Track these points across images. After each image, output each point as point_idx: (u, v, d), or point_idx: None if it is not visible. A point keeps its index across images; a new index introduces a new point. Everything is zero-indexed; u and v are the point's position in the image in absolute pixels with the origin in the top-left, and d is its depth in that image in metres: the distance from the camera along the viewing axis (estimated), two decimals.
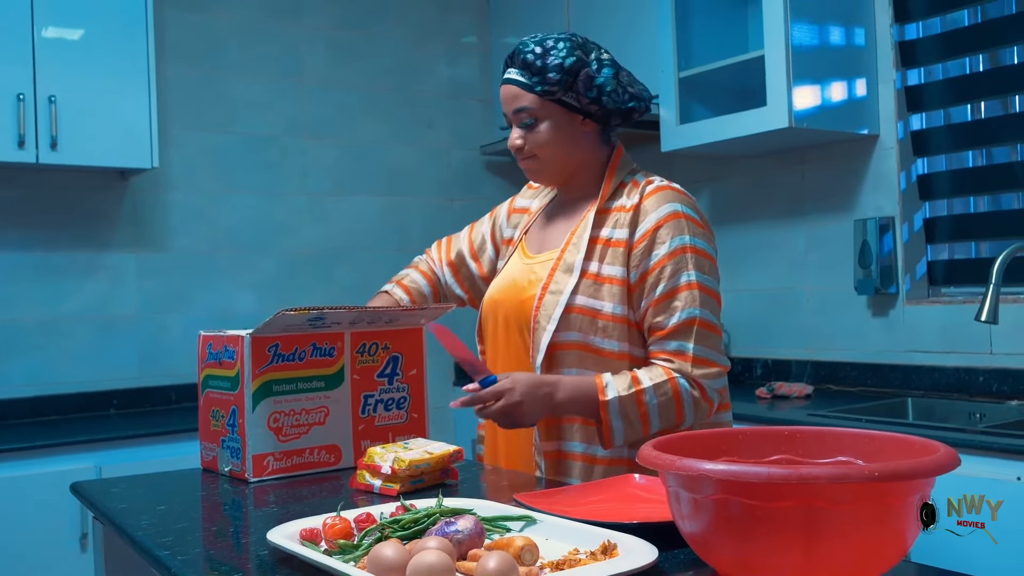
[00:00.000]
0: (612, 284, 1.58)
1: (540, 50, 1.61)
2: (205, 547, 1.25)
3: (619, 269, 1.58)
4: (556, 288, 1.59)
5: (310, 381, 1.67)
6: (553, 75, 1.59)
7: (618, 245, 1.59)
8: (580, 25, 3.52)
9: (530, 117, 1.63)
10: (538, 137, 1.63)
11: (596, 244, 1.61)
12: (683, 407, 1.53)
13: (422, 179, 3.88)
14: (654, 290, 1.55)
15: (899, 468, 0.87)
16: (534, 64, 1.60)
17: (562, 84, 1.60)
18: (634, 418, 1.51)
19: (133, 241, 3.30)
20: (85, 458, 2.68)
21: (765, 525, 0.88)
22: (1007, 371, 2.58)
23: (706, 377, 1.55)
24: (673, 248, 1.56)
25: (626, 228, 1.59)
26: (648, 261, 1.56)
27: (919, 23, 2.86)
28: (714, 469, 0.88)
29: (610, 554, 1.01)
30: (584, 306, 1.57)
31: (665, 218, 1.57)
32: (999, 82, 2.71)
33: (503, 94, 1.66)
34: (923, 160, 2.88)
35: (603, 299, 1.57)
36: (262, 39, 3.55)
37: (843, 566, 0.89)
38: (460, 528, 1.03)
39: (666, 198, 1.60)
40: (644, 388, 1.51)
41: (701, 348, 1.55)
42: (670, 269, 1.55)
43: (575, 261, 1.60)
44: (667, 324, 1.55)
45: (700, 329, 1.55)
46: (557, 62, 1.59)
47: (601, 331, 1.57)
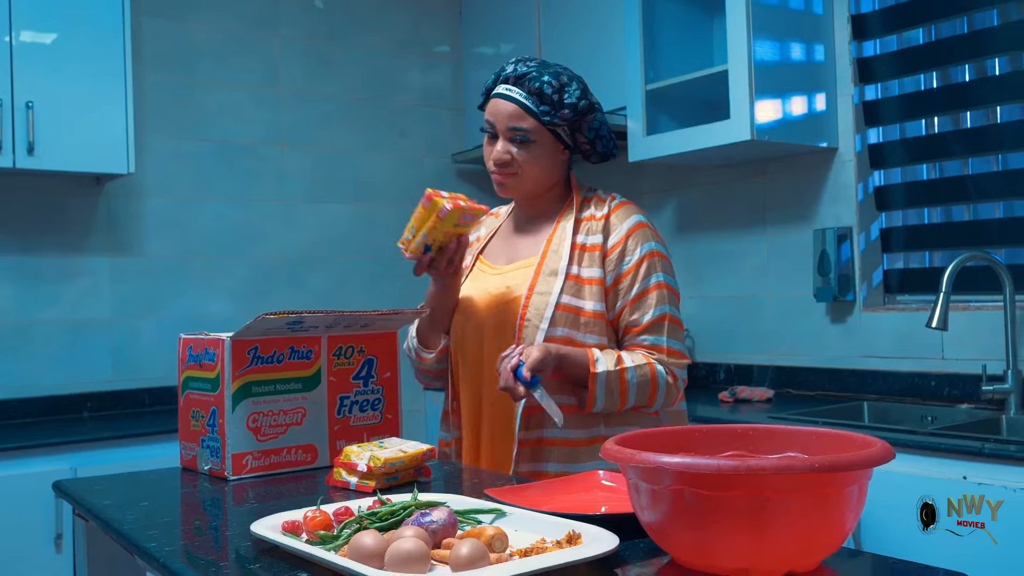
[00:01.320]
0: (592, 285, 1.75)
1: (556, 84, 1.76)
2: (190, 540, 1.31)
3: (597, 271, 1.76)
4: (543, 290, 1.75)
5: (288, 383, 1.73)
6: (567, 112, 1.76)
7: (594, 250, 1.77)
8: (551, 37, 3.61)
9: (524, 136, 1.77)
10: (528, 157, 1.78)
11: (575, 250, 1.78)
12: (657, 389, 1.73)
13: (395, 187, 3.94)
14: (629, 291, 1.75)
15: (837, 460, 0.95)
16: (549, 96, 1.75)
17: (570, 121, 1.78)
18: (615, 391, 1.70)
19: (107, 246, 3.33)
20: (60, 459, 2.71)
21: (717, 513, 0.96)
22: (958, 376, 2.68)
23: (677, 366, 1.77)
24: (643, 254, 1.76)
25: (599, 235, 1.78)
26: (622, 266, 1.76)
27: (876, 41, 2.97)
28: (670, 461, 0.96)
29: (574, 542, 1.08)
30: (568, 304, 1.74)
31: (633, 228, 1.78)
32: (951, 99, 2.82)
33: (500, 108, 1.77)
34: (879, 172, 2.99)
35: (585, 298, 1.75)
36: (239, 48, 3.60)
37: (788, 551, 0.97)
38: (435, 519, 1.10)
39: (630, 211, 1.82)
40: (627, 367, 1.70)
41: (673, 341, 1.77)
42: (643, 272, 1.75)
43: (559, 266, 1.76)
44: (642, 321, 1.75)
45: (671, 324, 1.77)
46: (572, 101, 1.76)
47: (583, 326, 1.74)
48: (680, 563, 1.03)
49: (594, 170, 3.90)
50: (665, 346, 1.75)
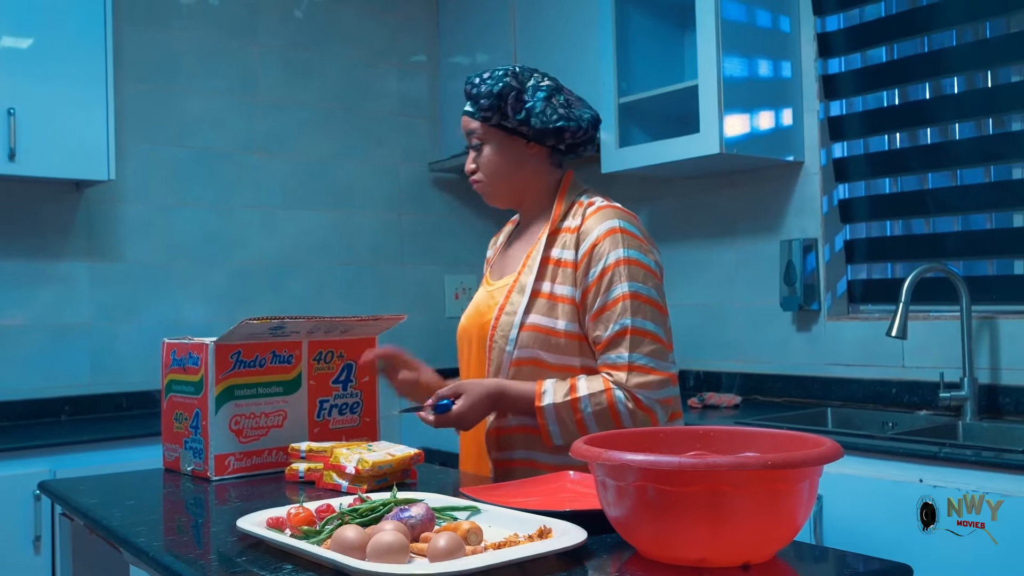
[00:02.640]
0: (564, 303, 1.66)
1: (478, 80, 1.75)
2: (177, 536, 1.37)
3: (569, 288, 1.67)
4: (511, 309, 1.70)
5: (269, 386, 1.78)
6: (484, 101, 1.73)
7: (567, 265, 1.68)
8: (526, 49, 3.68)
9: (477, 141, 1.78)
10: (482, 159, 1.78)
11: (548, 264, 1.70)
12: (619, 418, 1.59)
13: (371, 194, 4.00)
14: (593, 305, 1.64)
15: (789, 458, 1.02)
16: (471, 92, 1.76)
17: (494, 108, 1.73)
18: (570, 424, 1.60)
19: (86, 251, 3.36)
20: (39, 462, 2.73)
21: (677, 507, 1.03)
22: (917, 383, 2.78)
23: (642, 387, 1.60)
24: (608, 263, 1.64)
25: (572, 249, 1.68)
26: (588, 279, 1.65)
27: (841, 58, 3.07)
28: (634, 459, 1.03)
29: (545, 536, 1.15)
30: (539, 324, 1.66)
31: (603, 235, 1.66)
32: (911, 115, 2.92)
33: (462, 123, 1.82)
34: (844, 186, 3.09)
35: (557, 317, 1.66)
36: (218, 56, 3.64)
37: (743, 542, 1.04)
38: (413, 514, 1.16)
39: (605, 216, 1.69)
40: (579, 397, 1.60)
41: (637, 356, 1.61)
42: (605, 283, 1.63)
43: (527, 282, 1.70)
44: (603, 337, 1.63)
45: (634, 337, 1.61)
46: (487, 89, 1.73)
47: (555, 348, 1.65)
48: (644, 555, 1.10)
49: None
50: (626, 362, 1.60)
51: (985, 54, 2.74)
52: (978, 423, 2.55)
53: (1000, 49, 2.71)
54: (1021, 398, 2.57)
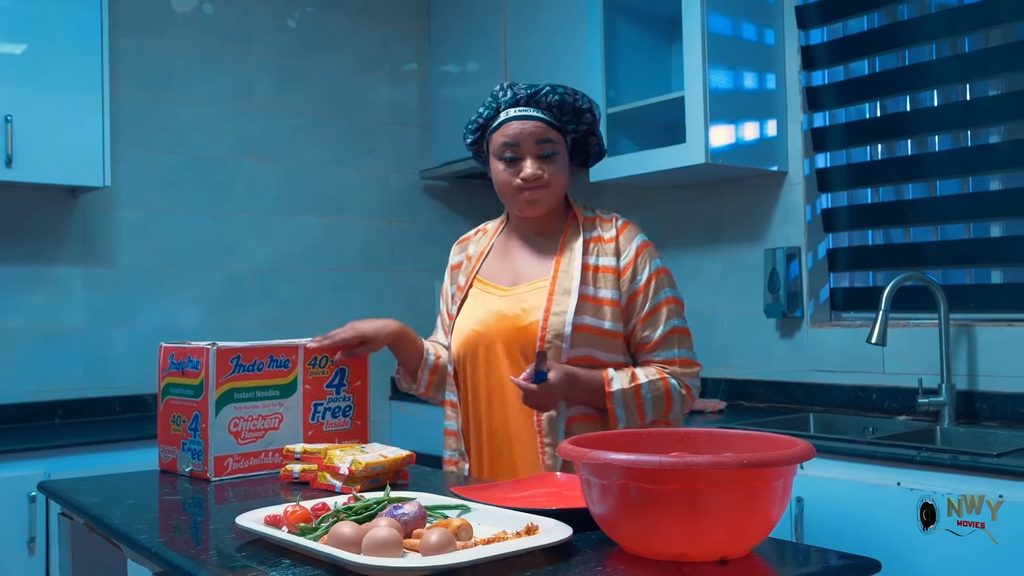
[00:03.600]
0: (608, 305, 1.83)
1: (571, 96, 1.87)
2: (178, 533, 1.41)
3: (612, 292, 1.84)
4: (559, 310, 1.80)
5: (267, 390, 1.83)
6: (588, 116, 1.88)
7: (607, 271, 1.85)
8: (515, 58, 3.74)
9: (553, 150, 1.85)
10: (556, 168, 1.86)
11: (587, 270, 1.85)
12: (672, 401, 1.83)
13: (362, 201, 4.05)
14: (642, 309, 1.84)
15: (764, 458, 1.08)
16: (570, 105, 1.86)
17: (590, 124, 1.90)
18: (632, 408, 1.79)
19: (81, 256, 3.40)
20: (34, 465, 2.77)
21: (658, 505, 1.08)
22: (897, 389, 2.84)
23: (689, 376, 1.87)
24: (651, 271, 1.86)
25: (611, 256, 1.86)
26: (635, 285, 1.84)
27: (824, 71, 3.14)
28: (617, 458, 1.09)
29: (532, 533, 1.20)
30: (589, 324, 1.81)
31: (640, 247, 1.88)
32: (891, 127, 2.99)
33: (524, 128, 1.84)
34: (827, 195, 3.15)
35: (604, 318, 1.82)
36: (212, 64, 3.69)
37: (720, 538, 1.10)
38: (406, 511, 1.22)
39: (635, 231, 1.91)
40: (641, 383, 1.79)
41: (684, 351, 1.87)
42: (653, 289, 1.85)
43: (570, 285, 1.82)
44: (654, 336, 1.84)
45: (680, 336, 1.87)
46: (587, 106, 1.88)
47: (606, 346, 1.82)
48: (627, 550, 1.16)
49: None
50: (677, 358, 1.85)
51: (963, 68, 2.82)
52: (955, 428, 2.61)
53: (977, 63, 2.78)
54: (997, 404, 2.64)
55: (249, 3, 3.78)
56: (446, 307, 2.07)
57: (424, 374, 2.02)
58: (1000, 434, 2.52)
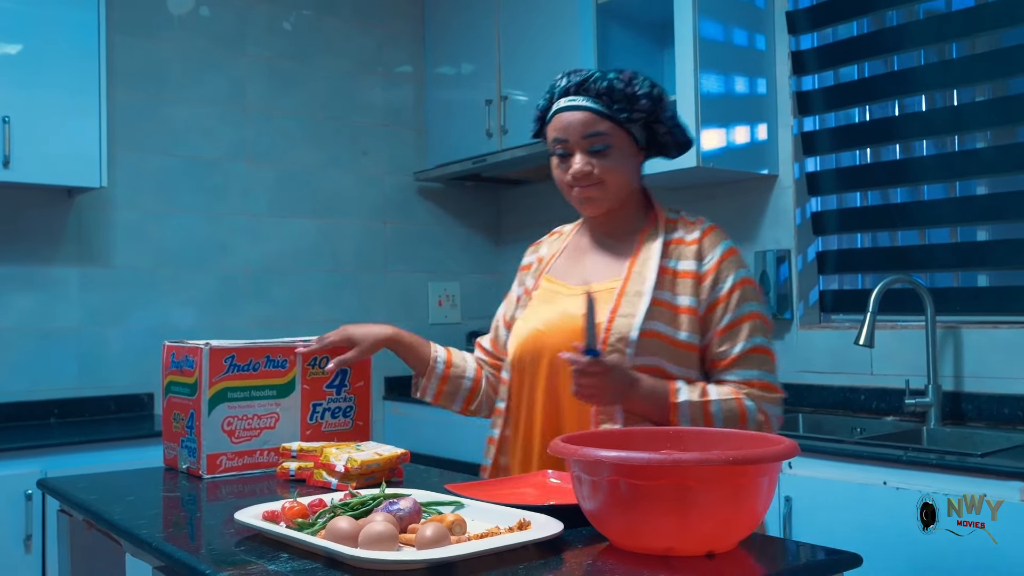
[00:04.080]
0: (685, 314, 1.62)
1: (624, 79, 1.64)
2: (178, 528, 1.44)
3: (690, 299, 1.62)
4: (628, 312, 1.61)
5: (263, 390, 1.86)
6: (645, 103, 1.64)
7: (686, 276, 1.64)
8: (510, 61, 3.77)
9: (604, 143, 1.64)
10: (609, 163, 1.64)
11: (665, 275, 1.64)
12: (747, 426, 1.58)
13: (356, 203, 4.07)
14: (720, 320, 1.62)
15: (749, 455, 1.11)
16: (621, 91, 1.63)
17: (648, 112, 1.66)
18: (701, 425, 1.56)
19: (77, 257, 3.42)
20: (29, 463, 2.79)
21: (647, 500, 1.11)
22: (885, 390, 2.88)
23: (768, 401, 1.61)
24: (736, 281, 1.63)
25: (692, 260, 1.64)
26: (716, 293, 1.62)
27: (814, 76, 3.18)
28: (607, 455, 1.12)
29: (524, 528, 1.23)
30: (660, 332, 1.60)
31: (726, 253, 1.65)
32: (879, 132, 3.03)
33: (567, 120, 1.66)
34: (816, 199, 3.19)
35: (679, 328, 1.61)
36: (207, 67, 3.71)
37: (708, 532, 1.13)
38: (402, 507, 1.25)
39: (721, 236, 1.69)
40: (711, 400, 1.57)
41: (764, 374, 1.62)
42: (735, 300, 1.62)
43: (643, 288, 1.63)
44: (731, 352, 1.61)
45: (761, 356, 1.62)
46: (645, 91, 1.65)
47: (678, 358, 1.61)
48: (616, 545, 1.19)
49: (546, 190, 4.08)
50: (756, 379, 1.61)
51: (950, 74, 2.86)
52: (942, 428, 2.66)
53: (964, 69, 2.83)
54: (983, 404, 2.68)
55: (245, 6, 3.81)
56: (505, 310, 1.91)
57: (431, 383, 1.89)
58: (985, 434, 2.56)
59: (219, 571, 1.13)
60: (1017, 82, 2.75)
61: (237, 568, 1.14)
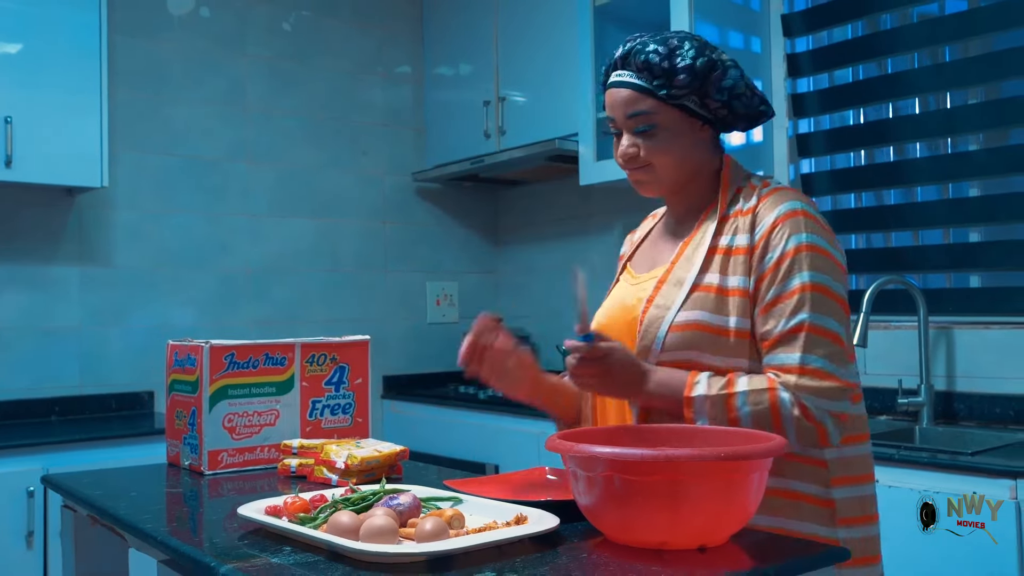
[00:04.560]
0: (736, 296, 1.42)
1: (665, 50, 1.48)
2: (181, 523, 1.47)
3: (742, 279, 1.43)
4: (662, 302, 1.46)
5: (263, 387, 1.89)
6: (683, 77, 1.47)
7: (739, 253, 1.44)
8: (508, 62, 3.80)
9: (648, 123, 1.49)
10: (656, 144, 1.50)
11: (715, 255, 1.46)
12: (782, 424, 1.35)
13: (356, 203, 4.10)
14: (766, 295, 1.41)
15: (739, 451, 1.14)
16: (659, 66, 1.47)
17: (691, 87, 1.48)
18: (723, 423, 1.36)
19: (77, 256, 3.45)
20: (31, 460, 2.82)
21: (641, 495, 1.14)
22: (877, 389, 2.91)
23: (814, 393, 1.35)
24: (787, 249, 1.40)
25: (746, 233, 1.44)
26: (764, 265, 1.41)
27: (809, 78, 3.21)
28: (602, 452, 1.15)
29: (521, 523, 1.26)
30: (702, 322, 1.42)
31: (783, 216, 1.42)
32: (873, 134, 3.07)
33: (612, 98, 1.53)
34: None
35: (728, 313, 1.42)
36: (207, 67, 3.74)
37: (700, 527, 1.16)
38: (402, 502, 1.27)
39: (784, 196, 1.46)
40: (736, 392, 1.36)
41: (812, 357, 1.36)
42: (783, 271, 1.40)
43: (687, 275, 1.47)
44: (774, 332, 1.39)
45: (810, 335, 1.37)
46: (687, 63, 1.47)
47: (721, 347, 1.42)
48: (611, 539, 1.22)
49: (544, 191, 4.11)
50: (797, 364, 1.36)
51: (943, 77, 2.89)
52: (934, 427, 2.69)
53: (957, 73, 2.86)
54: (975, 404, 2.71)
55: (245, 7, 3.83)
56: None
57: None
58: (977, 433, 2.60)
59: (224, 564, 1.16)
60: (1009, 85, 2.78)
61: (241, 561, 1.17)
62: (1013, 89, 2.77)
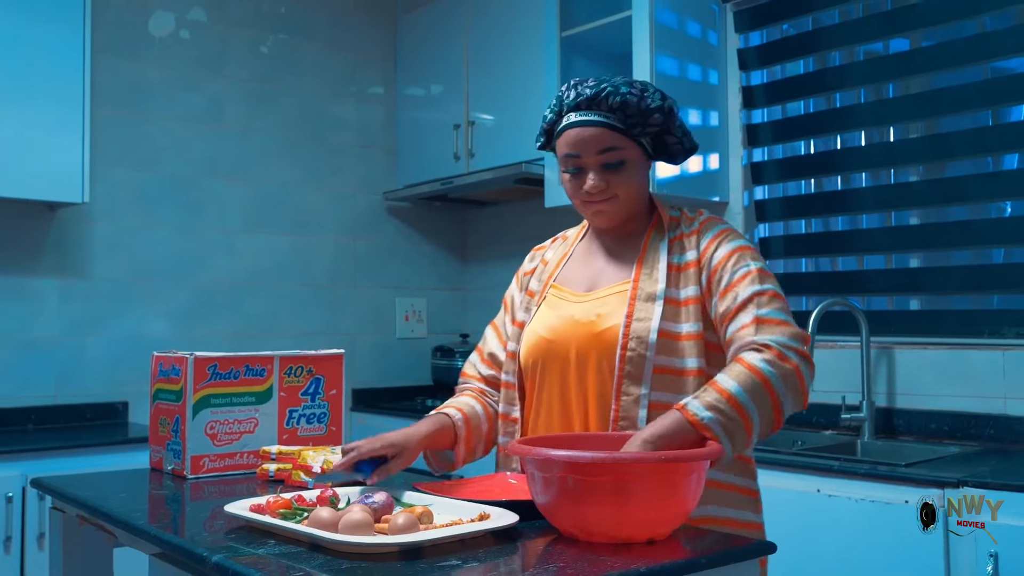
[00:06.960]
0: (689, 304, 1.61)
1: (637, 92, 1.63)
2: (170, 521, 1.58)
3: (694, 288, 1.62)
4: (643, 315, 1.60)
5: (243, 396, 2.01)
6: (658, 117, 1.63)
7: (689, 267, 1.64)
8: (476, 82, 3.95)
9: (619, 159, 1.63)
10: (623, 178, 1.65)
11: (671, 271, 1.64)
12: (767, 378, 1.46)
13: (328, 220, 4.22)
14: (720, 284, 1.59)
15: (680, 454, 1.29)
16: (635, 106, 1.62)
17: (662, 125, 1.65)
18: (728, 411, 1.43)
19: (56, 269, 3.53)
20: (10, 467, 2.90)
21: (591, 494, 1.28)
22: (823, 405, 3.07)
23: (776, 335, 1.51)
24: (732, 248, 1.62)
25: (694, 250, 1.65)
26: (712, 262, 1.61)
27: (763, 110, 3.39)
28: (557, 454, 1.29)
29: (484, 519, 1.39)
30: (669, 330, 1.60)
31: (721, 231, 1.66)
32: (822, 163, 3.25)
33: (584, 136, 1.63)
34: (764, 225, 3.40)
35: (680, 321, 1.60)
36: (187, 87, 3.85)
37: (644, 523, 1.30)
38: (376, 500, 1.41)
39: (718, 221, 1.70)
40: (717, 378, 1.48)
41: (766, 311, 1.54)
42: (732, 262, 1.60)
43: (655, 290, 1.62)
44: (732, 307, 1.56)
45: (761, 298, 1.55)
46: (657, 104, 1.63)
47: (680, 351, 1.59)
48: (566, 534, 1.35)
49: (510, 211, 4.25)
50: (753, 317, 1.53)
51: (886, 112, 3.08)
52: (874, 441, 2.86)
53: (899, 108, 3.05)
54: (913, 419, 2.89)
55: (224, 29, 3.95)
56: (509, 315, 1.87)
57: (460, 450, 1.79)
58: (913, 447, 2.77)
59: (214, 554, 1.28)
60: (947, 121, 2.97)
61: (231, 552, 1.29)
62: (951, 125, 2.97)
